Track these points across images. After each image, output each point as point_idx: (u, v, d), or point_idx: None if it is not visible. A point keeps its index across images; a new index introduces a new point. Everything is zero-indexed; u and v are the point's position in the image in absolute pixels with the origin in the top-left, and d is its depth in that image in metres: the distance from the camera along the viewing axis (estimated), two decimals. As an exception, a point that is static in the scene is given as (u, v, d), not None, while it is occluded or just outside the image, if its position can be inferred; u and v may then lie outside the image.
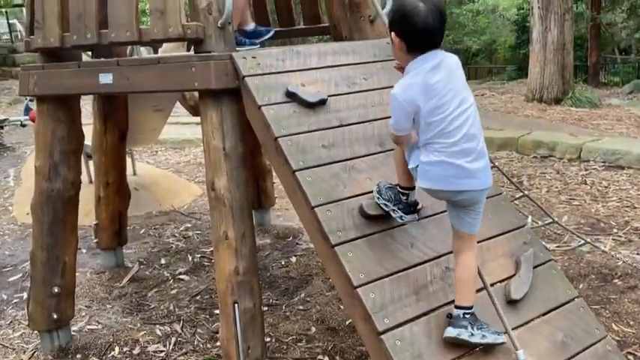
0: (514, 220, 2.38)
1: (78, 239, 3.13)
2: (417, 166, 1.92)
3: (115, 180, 3.85)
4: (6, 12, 21.34)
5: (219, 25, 2.43)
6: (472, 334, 1.89)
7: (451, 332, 1.91)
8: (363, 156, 2.34)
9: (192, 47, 2.52)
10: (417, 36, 1.84)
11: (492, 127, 9.43)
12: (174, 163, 7.71)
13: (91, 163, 4.81)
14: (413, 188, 2.08)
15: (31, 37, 2.71)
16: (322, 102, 2.41)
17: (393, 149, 2.28)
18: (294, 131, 2.28)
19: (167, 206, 5.65)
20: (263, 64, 2.43)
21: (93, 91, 2.64)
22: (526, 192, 5.32)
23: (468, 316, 1.92)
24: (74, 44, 2.59)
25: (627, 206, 4.74)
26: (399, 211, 2.07)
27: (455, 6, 22.18)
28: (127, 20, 2.45)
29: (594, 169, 5.93)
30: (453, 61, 1.91)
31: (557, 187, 5.41)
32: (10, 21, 22.42)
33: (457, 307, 1.95)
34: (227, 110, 2.42)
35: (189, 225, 5.10)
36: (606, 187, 5.30)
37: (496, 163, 6.43)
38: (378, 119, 2.49)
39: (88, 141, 4.45)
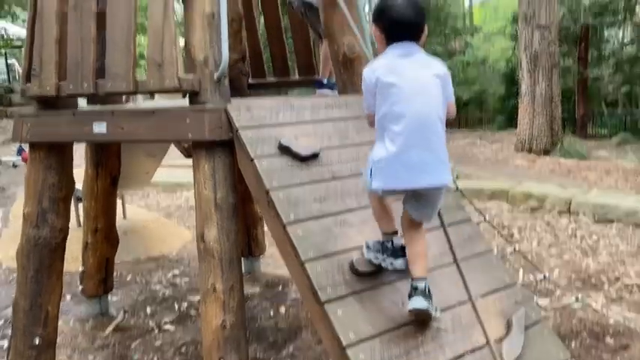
0: (505, 278, 2.36)
1: (62, 287, 3.07)
2: (371, 166, 1.98)
3: (103, 226, 3.81)
4: (5, 53, 21.65)
5: (215, 78, 2.47)
6: (427, 302, 1.96)
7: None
8: (355, 209, 2.34)
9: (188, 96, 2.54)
10: (393, 27, 1.97)
11: (483, 176, 9.54)
12: (165, 206, 7.67)
13: (80, 206, 4.77)
14: (395, 232, 2.11)
15: (27, 84, 2.73)
16: (315, 155, 2.43)
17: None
18: (286, 184, 2.28)
19: (156, 252, 5.58)
20: (257, 116, 2.46)
21: (86, 140, 2.64)
22: (517, 244, 5.32)
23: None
24: (70, 93, 2.62)
25: (618, 261, 4.74)
26: (387, 259, 2.09)
27: (446, 57, 22.80)
28: (124, 71, 2.48)
29: (584, 222, 5.96)
30: (432, 61, 1.99)
31: (547, 240, 5.41)
32: (9, 61, 22.74)
33: (417, 279, 1.97)
34: (219, 161, 2.43)
35: (177, 272, 5.02)
36: (596, 241, 5.31)
37: (487, 215, 6.47)
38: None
39: (79, 184, 4.46)
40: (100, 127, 2.57)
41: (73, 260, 4.29)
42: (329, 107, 2.70)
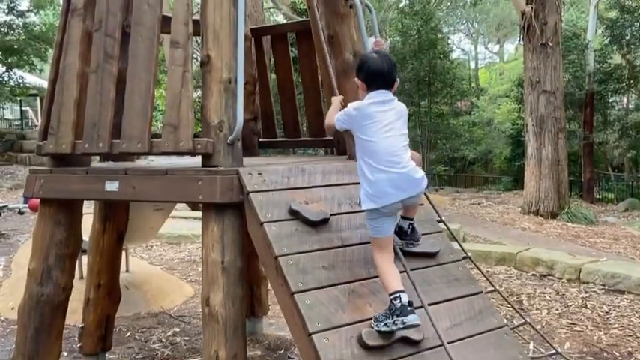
0: (518, 356, 2.29)
1: (62, 346, 2.99)
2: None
3: (107, 282, 3.76)
4: (20, 100, 22.20)
5: (228, 141, 2.50)
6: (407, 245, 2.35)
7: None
8: (364, 279, 2.30)
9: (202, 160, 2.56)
10: (372, 76, 2.36)
11: (489, 238, 9.45)
12: (168, 259, 7.61)
13: (84, 257, 4.74)
14: (402, 291, 2.17)
15: (44, 142, 2.77)
16: (324, 221, 2.42)
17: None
18: (295, 250, 2.26)
19: (157, 307, 5.48)
20: (268, 180, 2.47)
21: (98, 198, 2.66)
22: (526, 313, 5.20)
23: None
24: (85, 152, 2.65)
25: (630, 335, 4.60)
26: (399, 319, 2.10)
27: (452, 117, 23.15)
28: (139, 132, 2.52)
29: (594, 291, 5.84)
30: (401, 106, 2.41)
31: (557, 310, 5.29)
32: (24, 108, 23.31)
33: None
34: (229, 224, 2.42)
35: (178, 329, 4.90)
36: (607, 312, 5.18)
37: (494, 280, 6.37)
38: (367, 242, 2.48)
39: (85, 236, 4.44)
40: (112, 186, 2.58)
41: (73, 313, 4.22)
42: (340, 172, 2.71)
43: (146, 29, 2.58)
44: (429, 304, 2.24)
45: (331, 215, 2.46)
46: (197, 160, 2.59)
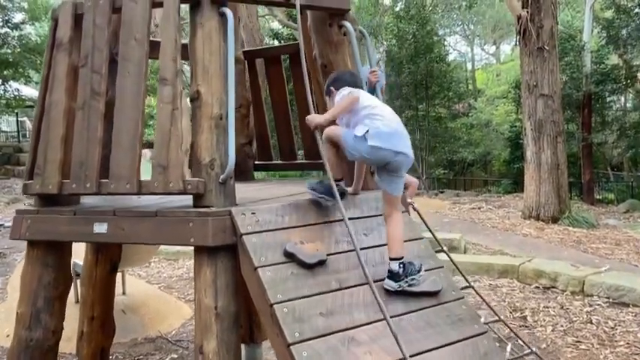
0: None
1: (53, 389, 2.90)
2: (367, 131, 2.45)
3: (100, 314, 3.67)
4: (17, 113, 22.10)
5: (220, 180, 2.41)
6: (407, 282, 2.36)
7: (393, 286, 2.36)
8: (363, 325, 2.21)
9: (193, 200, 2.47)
10: (343, 83, 2.68)
11: (491, 246, 9.36)
12: (166, 277, 7.51)
13: (78, 281, 4.64)
14: (342, 179, 2.59)
15: (30, 181, 2.69)
16: (321, 262, 2.33)
17: (393, 316, 2.17)
18: (291, 296, 2.17)
19: (154, 331, 5.38)
20: (262, 220, 2.39)
21: (86, 240, 2.58)
22: (530, 331, 5.11)
23: (402, 266, 2.37)
24: (72, 192, 2.56)
25: (636, 354, 4.51)
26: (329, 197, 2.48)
27: (450, 120, 23.08)
28: (128, 172, 2.44)
29: (598, 304, 5.75)
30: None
31: (562, 326, 5.20)
32: (20, 119, 23.18)
33: (393, 260, 2.39)
34: (222, 267, 2.34)
35: (176, 355, 4.81)
36: (612, 327, 5.09)
37: (497, 294, 6.27)
38: (378, 280, 2.40)
39: (79, 259, 4.33)
40: (100, 228, 2.49)
41: (68, 340, 4.13)
42: (336, 209, 2.62)
43: (133, 65, 2.50)
44: (434, 348, 2.16)
45: (328, 255, 2.37)
46: (190, 196, 2.50)
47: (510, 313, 5.68)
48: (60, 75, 2.65)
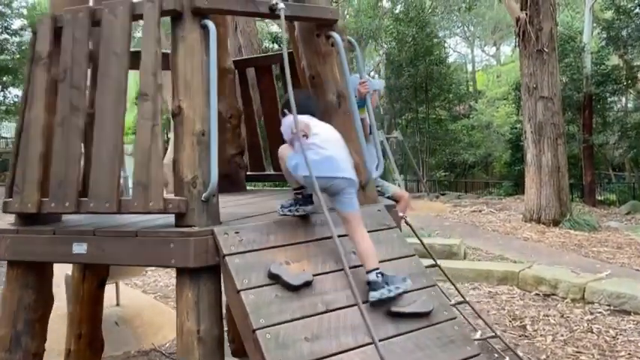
0: None
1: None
2: (297, 163, 2.51)
3: (88, 332, 3.59)
4: (17, 119, 22.06)
5: (203, 198, 2.34)
6: (390, 290, 2.34)
7: (375, 296, 2.33)
8: (351, 349, 2.13)
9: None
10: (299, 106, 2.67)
11: (491, 251, 9.26)
12: (162, 285, 7.42)
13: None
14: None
15: (9, 199, 2.61)
16: (307, 284, 2.25)
17: (383, 339, 2.10)
18: (274, 321, 2.09)
19: (148, 344, 5.29)
20: (246, 239, 2.31)
21: (65, 261, 2.50)
22: (530, 341, 5.02)
23: (380, 275, 2.37)
24: (51, 211, 2.49)
25: (639, 365, 4.42)
26: (300, 207, 2.54)
27: (450, 122, 23.00)
28: (107, 191, 2.36)
29: (599, 312, 5.65)
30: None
31: (562, 335, 5.10)
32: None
33: (371, 271, 2.38)
34: (204, 289, 2.26)
35: (169, 369, 4.73)
36: (614, 337, 4.99)
37: (497, 301, 6.18)
38: (367, 301, 2.32)
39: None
40: (80, 248, 2.42)
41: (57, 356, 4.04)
42: (324, 225, 2.53)
43: (113, 80, 2.43)
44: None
45: (314, 275, 2.29)
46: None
47: (510, 322, 5.58)
48: (39, 90, 2.58)
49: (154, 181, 2.29)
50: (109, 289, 5.94)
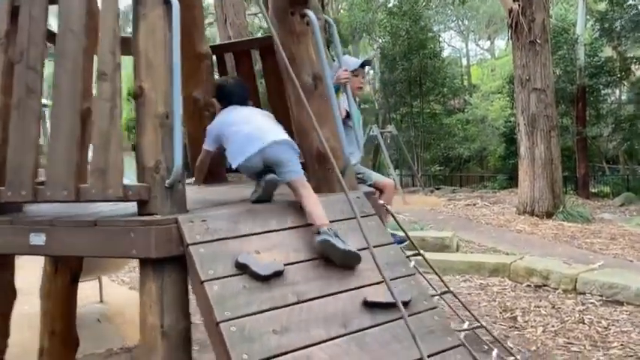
0: None
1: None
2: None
3: (61, 329, 3.45)
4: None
5: (166, 184, 2.20)
6: (339, 241, 2.26)
7: (321, 237, 2.25)
8: (323, 342, 2.00)
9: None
10: (224, 96, 2.90)
11: (484, 243, 9.16)
12: (149, 282, 7.26)
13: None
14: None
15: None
16: (277, 274, 2.12)
17: (357, 330, 1.97)
18: (240, 313, 1.96)
19: (132, 341, 5.16)
20: (213, 228, 2.17)
21: (23, 252, 2.36)
22: (520, 332, 4.91)
23: (329, 229, 2.29)
24: (8, 200, 2.34)
25: (630, 356, 4.31)
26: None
27: (445, 116, 22.89)
28: (64, 178, 2.22)
29: (591, 302, 5.56)
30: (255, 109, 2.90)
31: (553, 326, 5.00)
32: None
33: (321, 226, 2.29)
34: (169, 281, 2.12)
35: (151, 367, 4.59)
36: (606, 327, 4.89)
37: (488, 293, 6.07)
38: (342, 292, 2.19)
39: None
40: (37, 239, 2.28)
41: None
42: (298, 213, 2.40)
43: (69, 61, 2.28)
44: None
45: (286, 265, 2.16)
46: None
47: (500, 313, 5.48)
48: (-5, 72, 2.43)
49: (112, 166, 2.15)
50: (92, 286, 5.83)
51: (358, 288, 2.19)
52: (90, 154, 2.37)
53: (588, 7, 17.26)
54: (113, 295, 6.20)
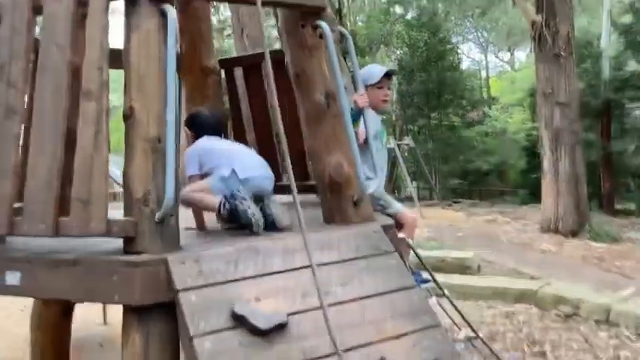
0: None
1: None
2: (233, 169, 2.52)
3: (52, 363, 3.20)
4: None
5: (156, 219, 1.92)
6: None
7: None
8: (332, 412, 1.69)
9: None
10: (199, 126, 2.83)
11: (507, 264, 8.73)
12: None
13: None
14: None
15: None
16: (280, 327, 1.82)
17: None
18: (235, 376, 1.66)
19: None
20: (207, 270, 1.88)
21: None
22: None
23: None
24: (-19, 232, 2.09)
25: (675, 401, 3.91)
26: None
27: (464, 129, 22.49)
28: (42, 209, 1.95)
29: (626, 336, 5.13)
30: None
31: (586, 364, 4.60)
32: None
33: None
34: (155, 332, 1.84)
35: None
36: (643, 366, 4.49)
37: (515, 323, 5.69)
38: (358, 347, 1.88)
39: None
40: (13, 278, 2.02)
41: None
42: (311, 248, 2.10)
43: (53, 76, 2.03)
44: None
45: (290, 315, 1.86)
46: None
47: (528, 346, 5.09)
48: (-26, 90, 2.19)
49: (95, 196, 1.89)
50: (95, 306, 5.59)
51: (375, 343, 1.87)
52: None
53: (613, 19, 16.79)
54: (118, 316, 5.94)
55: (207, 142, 2.69)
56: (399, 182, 18.88)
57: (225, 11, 16.14)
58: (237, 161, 2.53)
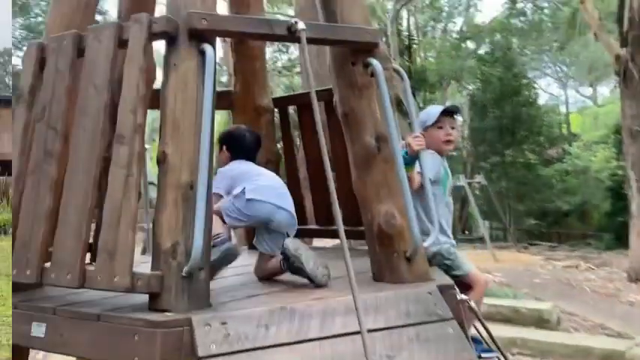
0: None
1: None
2: (244, 188, 2.41)
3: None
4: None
5: (183, 273, 1.76)
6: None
7: None
8: None
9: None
10: (237, 149, 2.69)
11: (590, 318, 7.95)
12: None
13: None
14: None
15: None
16: (313, 406, 1.58)
17: None
18: None
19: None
20: (235, 335, 1.68)
21: (24, 344, 2.01)
22: None
23: None
24: (15, 280, 2.02)
25: None
26: None
27: (541, 166, 21.39)
28: (71, 258, 1.86)
29: None
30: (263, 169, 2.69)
31: None
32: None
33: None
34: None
35: None
36: None
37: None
38: None
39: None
40: (38, 330, 1.92)
41: None
42: (349, 314, 1.86)
43: (90, 119, 1.96)
44: None
45: (326, 392, 1.61)
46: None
47: None
48: (17, 134, 2.17)
49: (121, 248, 1.76)
50: None
51: None
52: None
53: None
54: None
55: (245, 166, 2.59)
56: (470, 222, 18.08)
57: (296, 50, 16.51)
58: (253, 183, 2.42)
